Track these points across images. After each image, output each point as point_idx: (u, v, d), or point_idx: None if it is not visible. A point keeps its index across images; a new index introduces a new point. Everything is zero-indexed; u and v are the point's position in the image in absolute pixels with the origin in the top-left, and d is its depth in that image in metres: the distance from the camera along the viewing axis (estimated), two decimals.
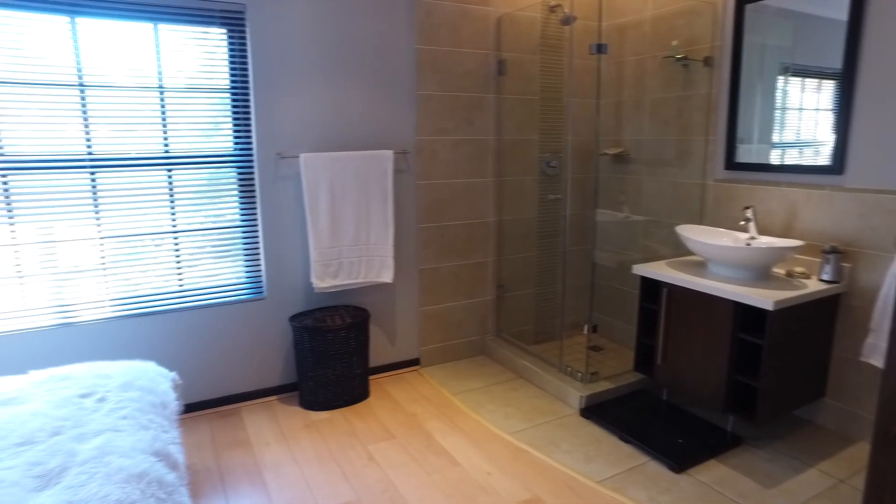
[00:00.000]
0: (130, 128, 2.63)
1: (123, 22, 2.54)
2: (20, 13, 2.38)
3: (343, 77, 2.97)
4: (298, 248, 3.01)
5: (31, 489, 1.39)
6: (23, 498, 1.35)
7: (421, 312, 3.40)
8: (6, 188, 2.46)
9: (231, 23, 2.74)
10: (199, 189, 2.81)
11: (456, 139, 3.32)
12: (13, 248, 2.50)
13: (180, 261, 2.81)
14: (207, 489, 2.28)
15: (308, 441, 2.62)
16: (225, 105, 2.80)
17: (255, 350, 2.99)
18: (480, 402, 2.99)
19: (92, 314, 2.67)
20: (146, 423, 1.73)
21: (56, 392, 1.86)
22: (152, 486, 1.44)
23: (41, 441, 1.59)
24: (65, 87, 2.49)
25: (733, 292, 2.35)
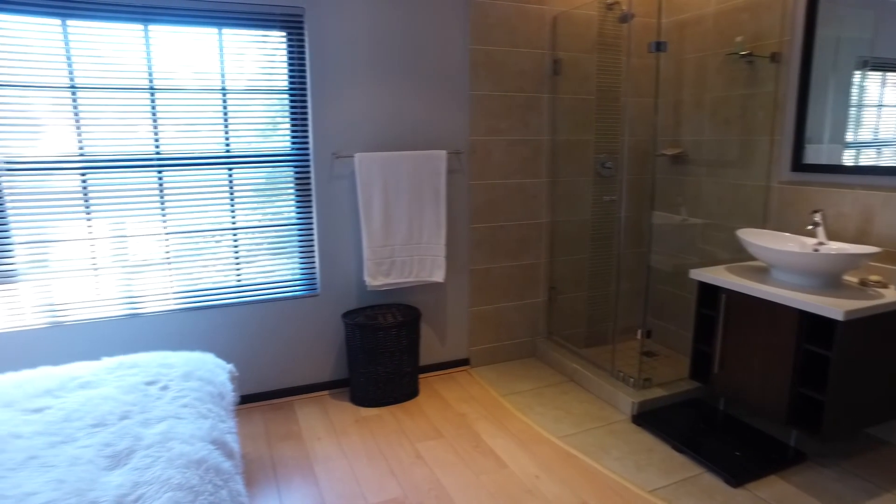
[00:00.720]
0: (194, 128, 2.75)
1: (191, 28, 2.66)
2: (100, 23, 2.52)
3: (397, 78, 3.00)
4: (352, 247, 3.07)
5: (104, 468, 1.47)
6: (96, 475, 1.43)
7: (471, 313, 3.40)
8: (85, 186, 2.61)
9: (290, 26, 2.81)
10: (258, 187, 2.90)
11: (510, 139, 3.30)
12: (90, 243, 2.66)
13: (239, 257, 2.91)
14: (260, 479, 2.35)
15: (358, 436, 2.67)
16: (283, 106, 2.88)
17: (308, 345, 3.07)
18: (530, 405, 2.96)
19: (157, 306, 2.80)
20: (205, 412, 1.80)
21: (125, 379, 1.96)
22: (210, 472, 1.50)
23: (112, 424, 1.68)
24: (137, 90, 2.62)
25: (799, 300, 2.23)
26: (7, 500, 1.34)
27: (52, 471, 1.45)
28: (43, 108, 2.52)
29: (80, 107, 2.56)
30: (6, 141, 2.49)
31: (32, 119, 2.51)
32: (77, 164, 2.59)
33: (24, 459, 1.50)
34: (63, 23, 2.49)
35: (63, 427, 1.66)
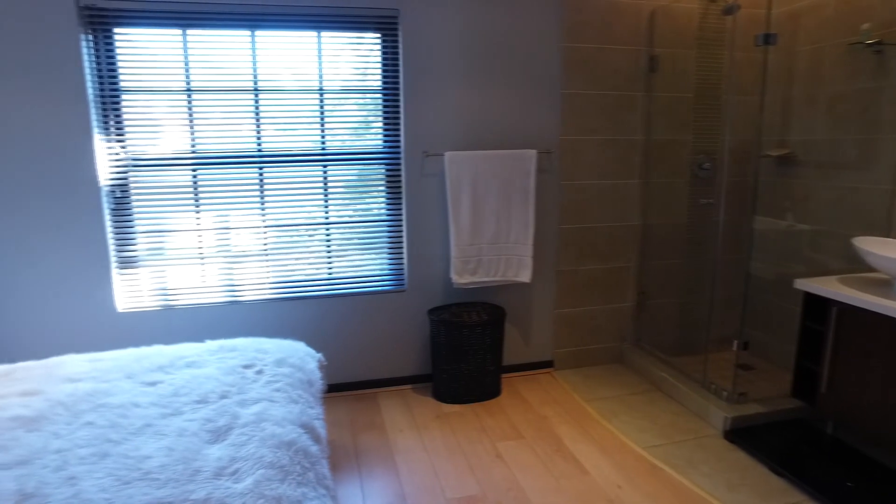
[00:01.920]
0: (293, 127, 2.89)
1: (292, 32, 2.80)
2: (213, 31, 2.72)
3: (489, 77, 3.01)
4: (439, 244, 3.11)
5: (206, 441, 1.59)
6: (199, 447, 1.55)
7: (557, 314, 3.35)
8: (195, 181, 2.83)
9: (384, 27, 2.89)
10: (350, 184, 3.01)
11: (602, 139, 3.21)
12: (198, 234, 2.87)
13: (330, 251, 3.03)
14: (344, 465, 2.44)
15: (439, 432, 2.70)
16: (376, 105, 2.97)
17: (393, 339, 3.14)
18: (614, 412, 2.88)
19: (254, 295, 2.97)
20: (295, 397, 1.89)
21: (225, 361, 2.11)
22: (299, 454, 1.58)
23: (213, 402, 1.80)
24: (243, 92, 2.80)
25: None
26: (129, 460, 1.48)
27: (163, 439, 1.58)
28: (163, 111, 2.75)
29: (193, 108, 2.77)
30: (133, 140, 2.74)
31: (154, 120, 2.75)
32: (189, 161, 2.81)
33: (142, 426, 1.65)
34: (183, 32, 2.70)
35: (172, 401, 1.81)
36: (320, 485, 1.53)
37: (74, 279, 2.75)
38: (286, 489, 1.40)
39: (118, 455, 1.51)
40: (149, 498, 1.34)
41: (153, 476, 1.42)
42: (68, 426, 1.66)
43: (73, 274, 2.75)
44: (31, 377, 1.99)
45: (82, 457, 1.50)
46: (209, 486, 1.39)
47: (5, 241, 2.66)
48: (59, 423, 1.68)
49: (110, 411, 1.74)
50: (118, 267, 2.83)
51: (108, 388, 1.89)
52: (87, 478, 1.41)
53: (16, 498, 1.33)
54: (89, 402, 1.79)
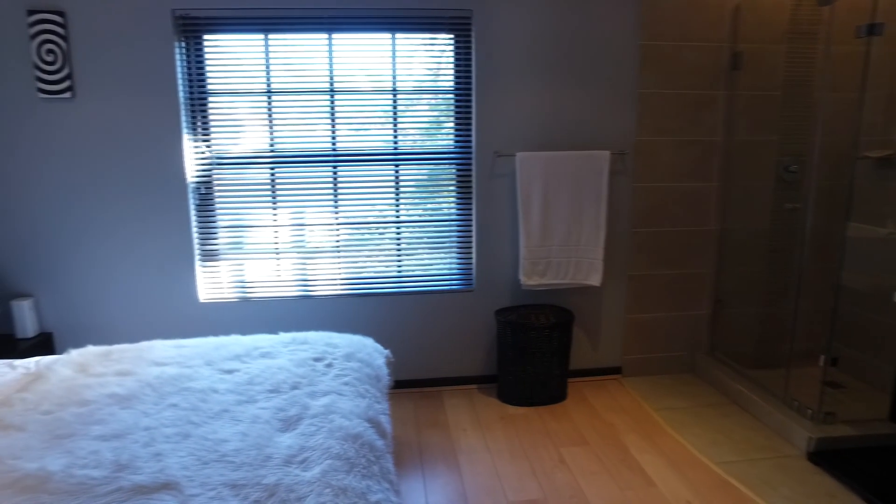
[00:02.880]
0: (366, 127, 2.96)
1: (367, 34, 2.87)
2: (293, 35, 2.82)
3: (562, 76, 2.97)
4: (509, 245, 3.10)
5: (277, 429, 1.66)
6: (271, 434, 1.62)
7: (627, 320, 3.25)
8: (273, 179, 2.95)
9: (458, 28, 2.91)
10: (421, 183, 3.05)
11: (679, 140, 3.10)
12: (274, 230, 3.00)
13: (400, 249, 3.08)
14: (407, 461, 2.47)
15: (502, 433, 2.69)
16: (448, 105, 2.99)
17: (460, 339, 3.16)
18: (685, 423, 2.76)
19: (326, 290, 3.07)
20: (363, 391, 1.94)
21: (297, 353, 2.18)
22: (364, 448, 1.61)
23: (285, 392, 1.88)
24: (319, 93, 2.90)
25: None
26: (208, 442, 1.57)
27: (238, 425, 1.66)
28: (245, 112, 2.89)
29: (273, 109, 2.89)
30: (217, 139, 2.90)
31: (236, 121, 2.89)
32: (268, 160, 2.93)
33: (219, 411, 1.75)
34: (265, 37, 2.82)
35: (247, 389, 1.89)
36: (384, 479, 1.55)
37: (163, 270, 2.94)
38: (351, 481, 1.44)
39: (198, 437, 1.60)
40: (224, 479, 1.41)
41: (229, 459, 1.50)
42: (155, 406, 1.78)
43: (162, 265, 2.94)
44: (124, 359, 2.14)
45: (167, 435, 1.61)
46: (279, 472, 1.45)
47: (106, 233, 2.88)
48: (148, 403, 1.80)
49: (192, 395, 1.84)
50: (201, 259, 2.99)
51: (190, 374, 2.00)
52: (171, 455, 1.51)
53: (112, 468, 1.45)
54: (174, 386, 1.91)
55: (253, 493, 1.36)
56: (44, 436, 1.61)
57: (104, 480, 1.40)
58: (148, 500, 1.34)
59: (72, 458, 1.49)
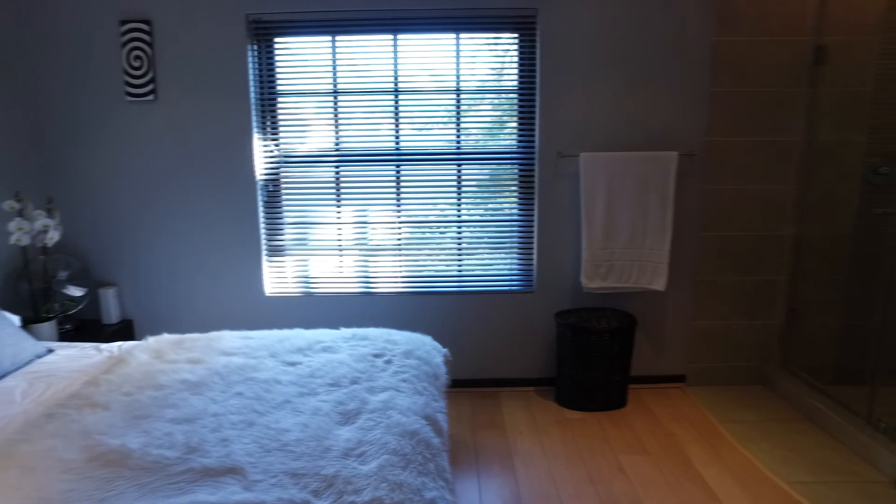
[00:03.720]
0: (429, 127, 2.99)
1: (432, 34, 2.89)
2: (359, 36, 2.88)
3: (628, 75, 2.89)
4: (570, 247, 3.05)
5: (336, 422, 1.70)
6: (331, 427, 1.67)
7: (692, 327, 3.13)
8: (337, 177, 3.03)
9: (522, 27, 2.89)
10: (483, 183, 3.04)
11: (753, 140, 2.95)
12: (337, 227, 3.07)
13: (461, 248, 3.09)
14: (462, 461, 2.48)
15: (559, 437, 2.65)
16: (511, 105, 2.97)
17: (519, 340, 3.13)
18: (752, 438, 2.63)
19: (386, 287, 3.12)
20: (421, 389, 1.96)
21: (357, 349, 2.23)
22: (421, 445, 1.63)
23: (345, 386, 1.92)
24: (384, 93, 2.94)
25: None
26: (270, 431, 1.63)
27: (300, 416, 1.72)
28: (311, 112, 2.98)
29: (339, 109, 2.96)
30: (286, 138, 3.00)
31: (303, 120, 2.99)
32: (333, 158, 3.01)
33: (282, 402, 1.81)
34: (332, 38, 2.90)
35: (309, 381, 1.95)
36: (440, 477, 1.56)
37: (232, 264, 3.07)
38: (407, 477, 1.46)
39: (262, 425, 1.66)
40: (285, 467, 1.46)
41: (290, 448, 1.55)
42: (223, 394, 1.86)
43: (232, 259, 3.07)
44: (195, 347, 2.26)
45: (233, 422, 1.68)
46: (338, 464, 1.48)
47: (182, 228, 3.04)
48: (216, 391, 1.88)
49: (257, 385, 1.92)
50: (267, 255, 3.11)
51: (255, 364, 2.09)
52: (236, 441, 1.58)
53: (184, 450, 1.53)
54: (240, 375, 1.99)
55: (312, 483, 1.40)
56: (124, 415, 1.72)
57: (176, 461, 1.48)
58: (215, 483, 1.40)
59: (148, 437, 1.59)
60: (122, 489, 1.38)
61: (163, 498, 1.34)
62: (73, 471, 1.45)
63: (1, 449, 1.54)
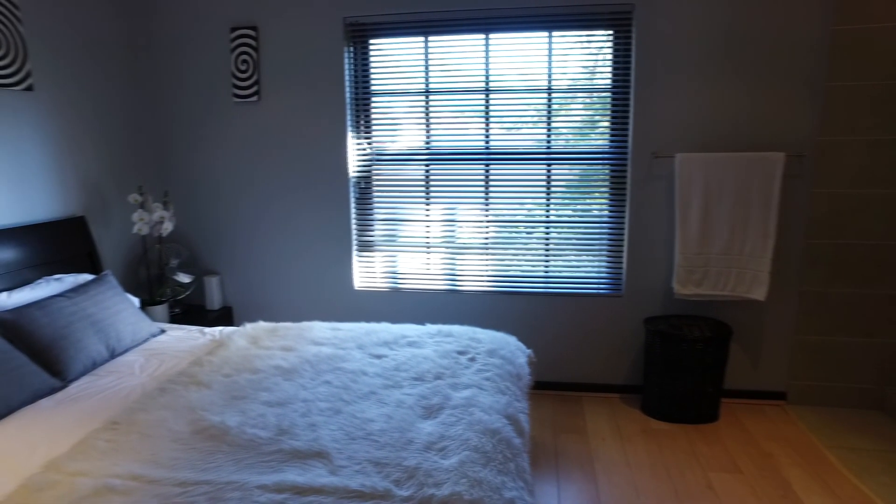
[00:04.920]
0: (519, 126, 2.97)
1: (524, 33, 2.87)
2: (451, 36, 2.92)
3: (730, 71, 2.73)
4: (662, 251, 2.93)
5: (419, 416, 1.74)
6: (413, 420, 1.70)
7: (797, 341, 2.91)
8: (427, 175, 3.08)
9: (617, 23, 2.80)
10: (572, 183, 2.99)
11: (874, 139, 2.69)
12: (426, 224, 3.12)
13: (549, 249, 3.05)
14: (542, 463, 2.44)
15: (644, 448, 2.56)
16: (604, 104, 2.89)
17: (604, 345, 3.05)
18: (867, 468, 2.40)
19: (472, 285, 3.13)
20: (503, 388, 1.95)
21: (442, 345, 2.26)
22: (502, 444, 1.62)
23: (428, 381, 1.95)
24: (475, 92, 2.96)
25: None
26: (356, 420, 1.69)
27: (384, 407, 1.76)
28: (403, 111, 3.04)
29: (430, 108, 3.01)
30: (378, 136, 3.09)
31: (395, 119, 3.06)
32: (423, 157, 3.06)
33: (367, 393, 1.87)
34: (425, 39, 2.95)
35: (394, 374, 2.00)
36: (520, 477, 1.55)
37: (324, 258, 3.21)
38: (487, 474, 1.46)
39: (348, 414, 1.73)
40: (369, 456, 1.51)
41: (374, 438, 1.59)
42: (312, 381, 1.95)
43: (324, 253, 3.20)
44: (288, 335, 2.38)
45: (321, 409, 1.75)
46: (419, 456, 1.51)
47: (279, 221, 3.21)
48: (306, 378, 1.97)
49: (344, 375, 1.99)
50: (357, 250, 3.21)
51: (343, 355, 2.17)
52: (324, 427, 1.64)
53: (275, 431, 1.62)
54: (329, 365, 2.08)
55: (394, 473, 1.44)
56: (224, 395, 1.84)
57: (268, 441, 1.57)
58: (303, 464, 1.47)
59: (244, 417, 1.69)
60: (220, 462, 1.48)
61: (256, 474, 1.43)
62: (180, 441, 1.58)
63: (125, 415, 1.71)
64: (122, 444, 1.56)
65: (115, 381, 2.01)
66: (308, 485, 1.38)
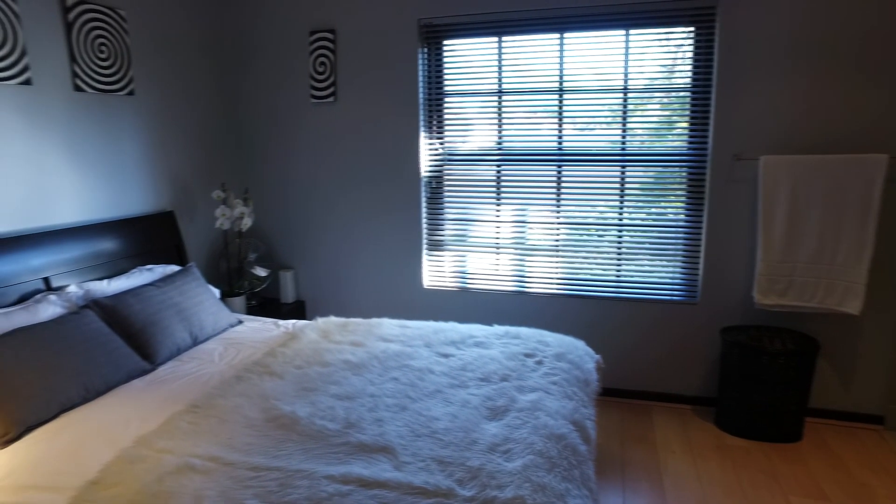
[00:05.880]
0: (593, 127, 2.90)
1: (600, 32, 2.80)
2: (525, 36, 2.89)
3: (825, 68, 2.54)
4: (743, 257, 2.78)
5: (484, 416, 1.73)
6: (478, 420, 1.70)
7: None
8: (498, 176, 3.07)
9: (700, 20, 2.68)
10: (646, 186, 2.89)
11: None
12: (496, 225, 3.11)
13: (620, 253, 2.97)
14: (608, 472, 2.38)
15: (717, 464, 2.44)
16: (682, 104, 2.78)
17: (677, 354, 2.93)
18: None
19: (541, 288, 3.09)
20: (570, 393, 1.92)
21: (508, 347, 2.25)
22: (567, 450, 1.59)
23: (494, 382, 1.95)
24: (548, 92, 2.92)
25: None
26: (421, 417, 1.71)
27: (450, 406, 1.77)
28: (475, 111, 3.05)
29: (502, 109, 3.00)
30: (450, 137, 3.11)
31: (466, 120, 3.07)
32: (495, 157, 3.05)
33: (433, 391, 1.88)
34: (499, 39, 2.94)
35: (460, 374, 2.01)
36: (584, 485, 1.52)
37: (395, 256, 3.26)
38: (551, 480, 1.43)
39: (413, 411, 1.75)
40: (433, 454, 1.52)
41: (438, 436, 1.60)
42: (380, 377, 1.98)
43: (394, 251, 3.26)
44: (358, 331, 2.43)
45: (388, 405, 1.78)
46: (483, 457, 1.50)
47: (352, 219, 3.30)
48: (374, 373, 2.01)
49: (411, 372, 2.01)
50: (427, 249, 3.25)
51: (411, 353, 2.19)
52: (390, 423, 1.67)
53: (343, 424, 1.67)
54: (396, 361, 2.11)
55: (457, 472, 1.44)
56: (295, 386, 1.91)
57: (336, 433, 1.62)
58: (369, 458, 1.51)
59: (314, 408, 1.75)
60: (290, 450, 1.54)
61: (324, 465, 1.47)
62: (254, 427, 1.65)
63: (205, 400, 1.80)
64: (202, 426, 1.65)
65: (197, 367, 2.12)
66: (373, 478, 1.41)
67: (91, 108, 2.48)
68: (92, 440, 1.62)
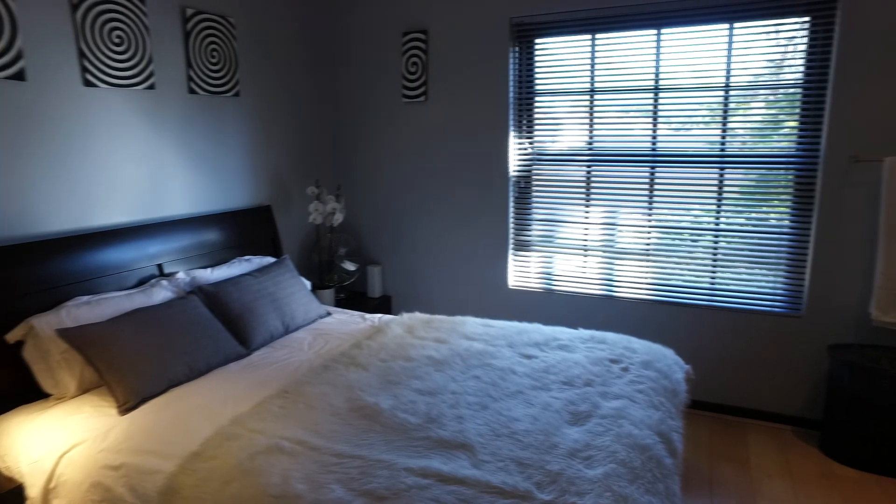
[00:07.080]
0: (690, 126, 2.76)
1: (701, 27, 2.65)
2: (620, 33, 2.80)
3: None
4: (857, 269, 2.55)
5: (565, 420, 1.70)
6: (559, 424, 1.67)
7: None
8: (588, 177, 3.00)
9: (816, 9, 2.48)
10: (748, 189, 2.71)
11: None
12: (584, 226, 3.04)
13: (716, 259, 2.81)
14: (694, 489, 2.26)
15: (821, 495, 2.24)
16: (791, 102, 2.58)
17: (776, 369, 2.74)
18: None
19: (629, 292, 2.99)
20: (657, 403, 1.84)
21: (593, 351, 2.19)
22: (651, 462, 1.53)
23: (577, 387, 1.90)
24: (643, 91, 2.81)
25: None
26: (501, 417, 1.70)
27: (531, 408, 1.75)
28: (565, 110, 2.99)
29: (594, 108, 2.92)
30: (539, 136, 3.08)
31: (556, 119, 3.02)
32: (585, 157, 2.98)
33: (514, 392, 1.87)
34: (592, 37, 2.87)
35: (542, 376, 1.98)
36: (668, 500, 1.45)
37: (481, 254, 3.27)
38: (633, 492, 1.38)
39: (494, 410, 1.74)
40: (512, 454, 1.51)
41: (518, 437, 1.59)
42: (462, 375, 1.99)
43: (480, 249, 3.27)
44: (442, 328, 2.46)
45: (469, 403, 1.79)
46: (563, 462, 1.48)
47: (440, 216, 3.34)
48: (456, 371, 2.03)
49: (493, 372, 2.01)
50: (513, 249, 3.23)
51: (493, 352, 2.19)
52: (470, 420, 1.68)
53: (424, 418, 1.69)
54: (478, 360, 2.11)
55: (536, 475, 1.42)
56: (379, 378, 1.96)
57: (417, 427, 1.64)
58: (448, 453, 1.52)
59: (396, 401, 1.79)
60: (372, 441, 1.58)
61: (404, 457, 1.50)
62: (339, 416, 1.71)
63: (294, 387, 1.89)
64: (291, 411, 1.73)
65: (288, 355, 2.23)
66: (451, 474, 1.42)
67: (202, 109, 2.68)
68: (194, 415, 1.75)
